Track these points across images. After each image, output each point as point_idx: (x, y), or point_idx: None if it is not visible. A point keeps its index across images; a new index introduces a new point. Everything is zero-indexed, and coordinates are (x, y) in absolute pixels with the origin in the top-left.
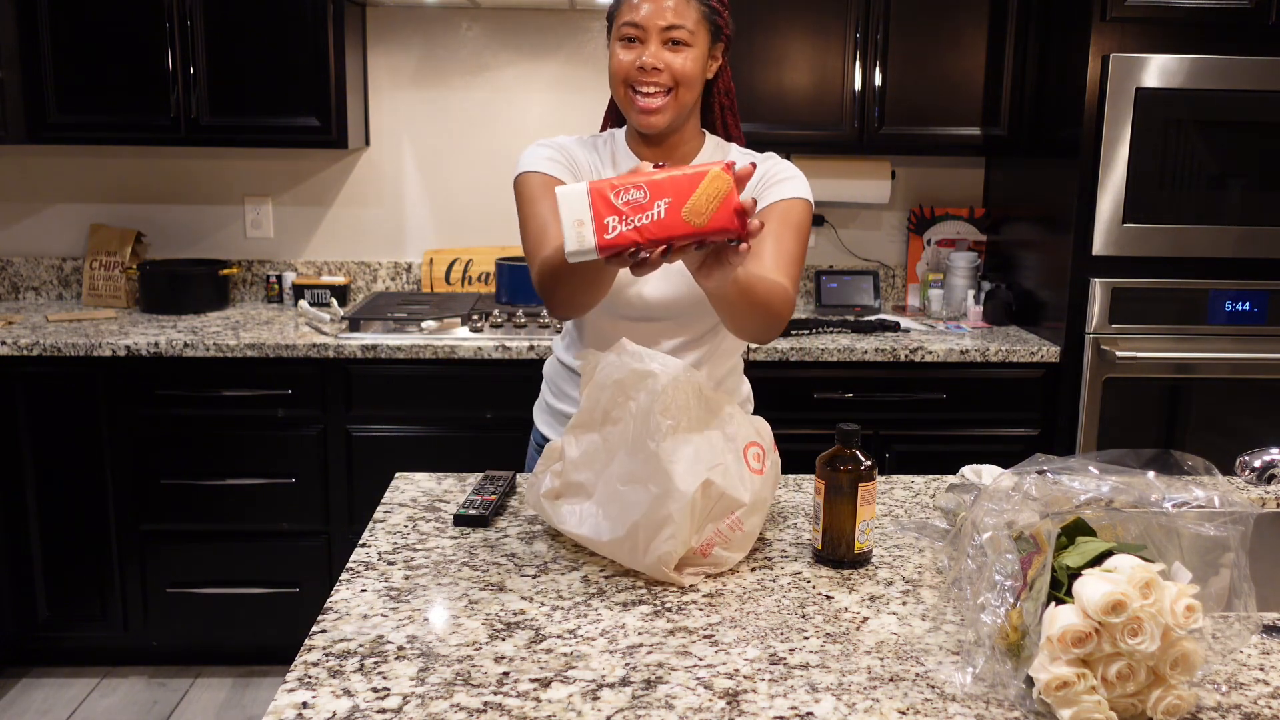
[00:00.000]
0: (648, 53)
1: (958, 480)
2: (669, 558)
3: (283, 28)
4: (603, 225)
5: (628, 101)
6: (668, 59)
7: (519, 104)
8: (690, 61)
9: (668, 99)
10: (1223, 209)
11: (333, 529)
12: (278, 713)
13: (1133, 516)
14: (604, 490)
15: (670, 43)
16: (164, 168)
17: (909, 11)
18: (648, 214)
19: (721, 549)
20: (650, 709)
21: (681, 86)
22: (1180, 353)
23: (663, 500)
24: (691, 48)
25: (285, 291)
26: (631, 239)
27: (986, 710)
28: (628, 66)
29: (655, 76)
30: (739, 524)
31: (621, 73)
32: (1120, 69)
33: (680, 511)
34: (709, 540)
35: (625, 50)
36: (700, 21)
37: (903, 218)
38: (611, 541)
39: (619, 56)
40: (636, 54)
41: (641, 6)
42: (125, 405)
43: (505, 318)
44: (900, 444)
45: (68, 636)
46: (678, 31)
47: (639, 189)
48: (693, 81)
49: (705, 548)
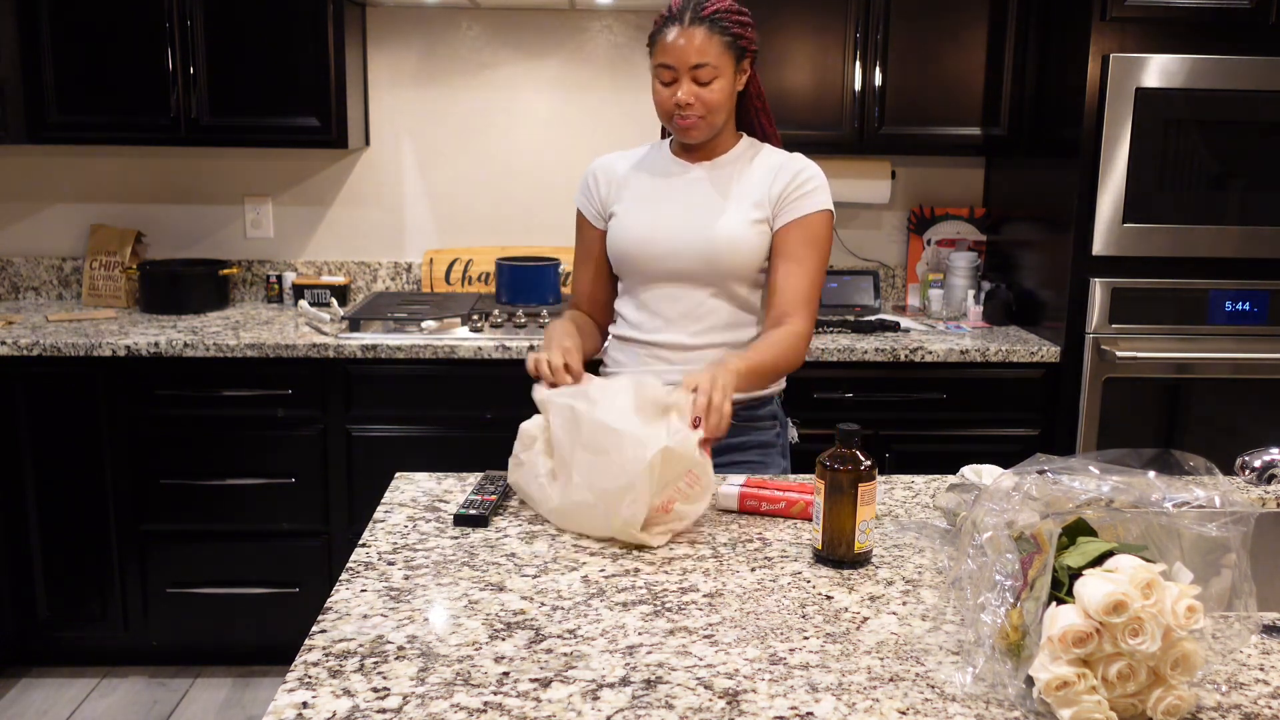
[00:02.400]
0: (681, 90)
1: (958, 480)
2: (635, 519)
3: (283, 28)
4: None
5: (671, 126)
6: (698, 92)
7: (519, 104)
8: (717, 92)
9: (701, 120)
10: (1223, 209)
11: (333, 529)
12: (278, 713)
13: (1134, 517)
14: (573, 465)
15: (697, 80)
16: (164, 168)
17: (909, 11)
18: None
19: (682, 504)
20: (650, 709)
21: (711, 113)
22: (1180, 353)
23: (625, 468)
24: (718, 78)
25: (285, 291)
26: None
27: (986, 710)
28: (667, 102)
29: (689, 110)
30: (695, 479)
31: (663, 106)
32: (1120, 69)
33: (641, 477)
34: (669, 498)
35: (663, 87)
36: (723, 52)
37: (903, 218)
38: (579, 508)
39: (659, 92)
40: (672, 91)
41: (671, 49)
42: (125, 405)
43: (505, 318)
44: (900, 444)
45: (68, 636)
46: (703, 70)
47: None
48: (721, 105)
49: (667, 504)
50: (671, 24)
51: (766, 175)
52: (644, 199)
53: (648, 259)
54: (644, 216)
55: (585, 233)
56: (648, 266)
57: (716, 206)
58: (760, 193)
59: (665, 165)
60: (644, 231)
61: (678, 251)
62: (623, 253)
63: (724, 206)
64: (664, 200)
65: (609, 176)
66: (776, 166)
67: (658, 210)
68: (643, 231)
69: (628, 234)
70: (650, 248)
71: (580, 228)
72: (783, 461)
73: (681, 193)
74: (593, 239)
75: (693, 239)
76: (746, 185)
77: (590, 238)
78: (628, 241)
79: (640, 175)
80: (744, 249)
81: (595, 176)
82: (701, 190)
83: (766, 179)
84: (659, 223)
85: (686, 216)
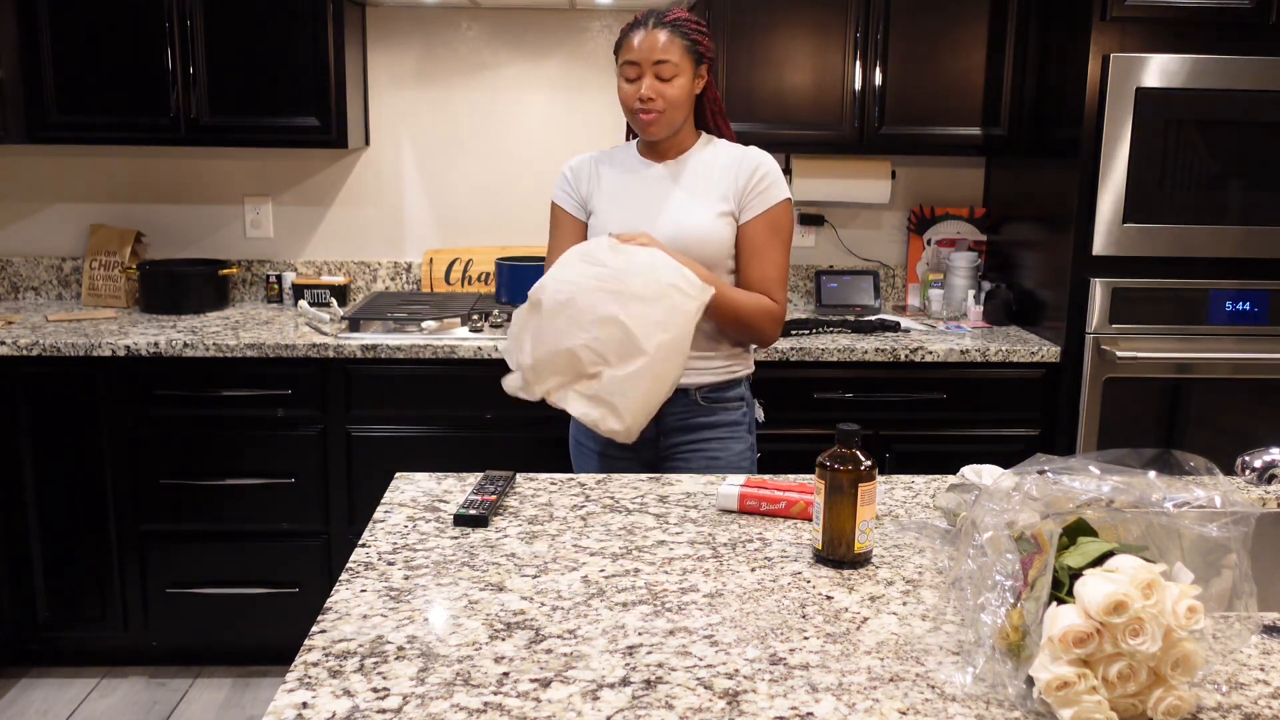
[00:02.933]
0: (644, 85)
1: (958, 480)
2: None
3: (282, 28)
4: None
5: (634, 121)
6: (660, 88)
7: (519, 104)
8: (677, 89)
9: (662, 117)
10: (1223, 209)
11: (333, 529)
12: (278, 713)
13: (1134, 517)
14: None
15: (659, 76)
16: (164, 168)
17: (909, 11)
18: None
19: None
20: (650, 709)
21: (671, 108)
22: (1180, 353)
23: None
24: (678, 76)
25: (285, 291)
26: None
27: (986, 710)
28: (631, 97)
29: (650, 104)
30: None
31: (627, 101)
32: (1120, 69)
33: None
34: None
35: (628, 84)
36: (684, 54)
37: (903, 218)
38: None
39: (624, 89)
40: (636, 87)
41: (637, 48)
42: (125, 405)
43: (505, 318)
44: (900, 444)
45: (68, 636)
46: (665, 67)
47: None
48: (681, 102)
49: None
50: (637, 28)
51: (728, 169)
52: (615, 198)
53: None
54: (617, 215)
55: (565, 225)
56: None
57: (684, 202)
58: (724, 187)
59: (633, 164)
60: (619, 228)
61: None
62: None
63: (691, 202)
64: (634, 198)
65: (586, 174)
66: (736, 160)
67: (630, 206)
68: (617, 229)
69: (605, 230)
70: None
71: (559, 222)
72: (749, 437)
73: (650, 190)
74: (573, 229)
75: (663, 234)
76: (709, 180)
77: (571, 229)
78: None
79: (611, 174)
80: (713, 240)
81: (575, 173)
82: (668, 187)
83: (729, 174)
84: (631, 220)
85: (657, 213)
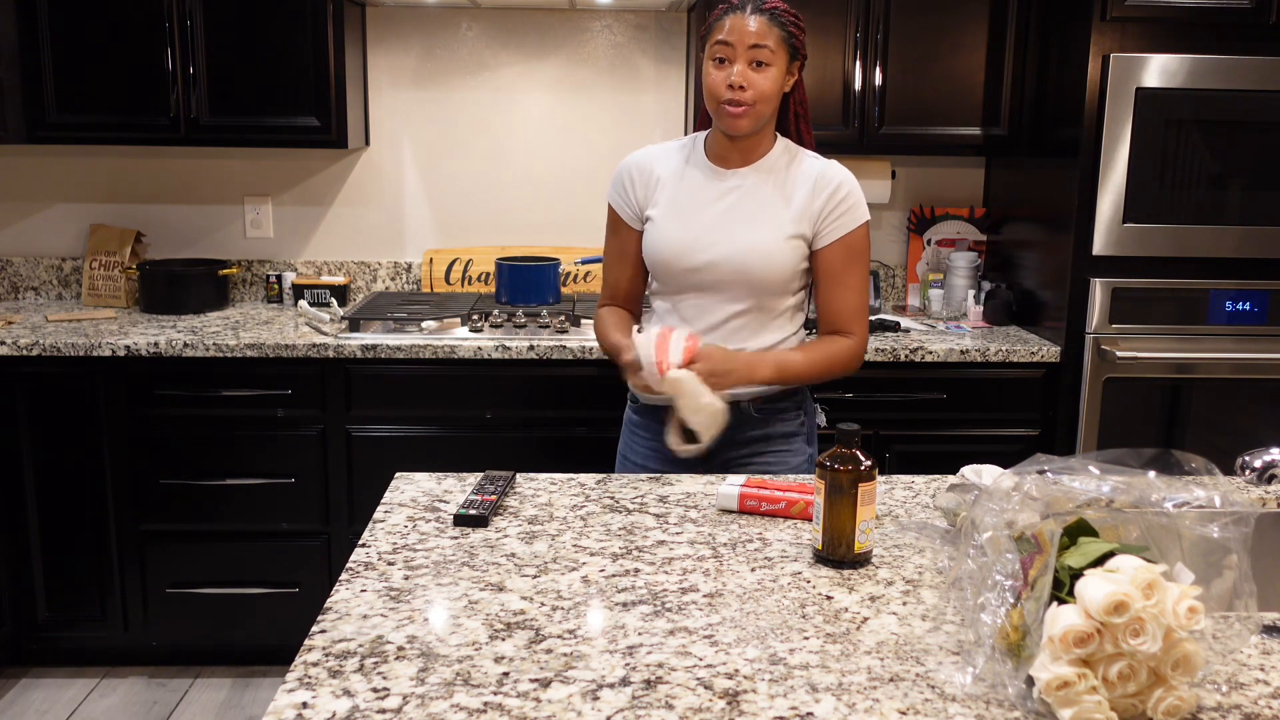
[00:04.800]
0: (735, 72)
1: (958, 480)
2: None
3: (283, 28)
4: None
5: (719, 112)
6: (752, 78)
7: (519, 104)
8: (770, 80)
9: (750, 110)
10: (1223, 209)
11: (333, 529)
12: (278, 713)
13: (1134, 517)
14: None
15: (754, 63)
16: (164, 168)
17: (909, 11)
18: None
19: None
20: (650, 709)
21: (761, 101)
22: (1180, 353)
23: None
24: (772, 67)
25: (285, 291)
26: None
27: (986, 710)
28: (719, 84)
29: (740, 94)
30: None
31: (715, 89)
32: (1120, 69)
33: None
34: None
35: (717, 69)
36: (780, 43)
37: (903, 217)
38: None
39: (712, 74)
40: (726, 73)
41: (731, 29)
42: (125, 405)
43: (505, 318)
44: (900, 444)
45: (68, 636)
46: (761, 52)
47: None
48: (771, 97)
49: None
50: (732, 10)
51: (806, 188)
52: (679, 207)
53: (681, 270)
54: (678, 226)
55: (621, 232)
56: (681, 277)
57: (752, 219)
58: (799, 207)
59: (701, 171)
60: (677, 244)
61: (711, 264)
62: (655, 261)
63: (759, 219)
64: (699, 209)
65: (645, 178)
66: (815, 177)
67: (692, 220)
68: (676, 244)
69: (662, 243)
70: (684, 260)
71: (615, 226)
72: (808, 449)
73: (715, 205)
74: (629, 239)
75: (727, 252)
76: (784, 197)
77: (626, 238)
78: (662, 251)
79: (676, 179)
80: (778, 263)
81: (631, 177)
82: (737, 201)
83: (806, 193)
84: (693, 234)
85: (721, 229)
